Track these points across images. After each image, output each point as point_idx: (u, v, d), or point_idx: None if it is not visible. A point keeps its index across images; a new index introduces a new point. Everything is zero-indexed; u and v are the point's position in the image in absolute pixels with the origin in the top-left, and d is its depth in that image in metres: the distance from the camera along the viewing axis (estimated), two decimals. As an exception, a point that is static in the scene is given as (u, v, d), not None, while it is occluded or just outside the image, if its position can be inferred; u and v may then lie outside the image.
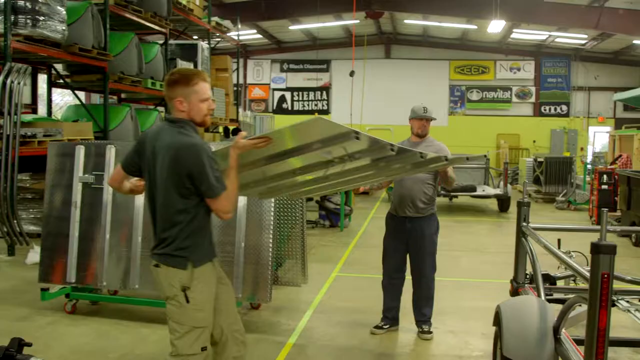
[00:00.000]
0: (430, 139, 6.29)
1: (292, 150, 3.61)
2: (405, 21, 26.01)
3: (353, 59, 21.60)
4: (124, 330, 6.23)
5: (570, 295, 4.93)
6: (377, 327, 6.36)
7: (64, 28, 9.30)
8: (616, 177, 13.67)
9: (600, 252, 3.23)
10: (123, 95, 13.05)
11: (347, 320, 6.77)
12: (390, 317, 6.40)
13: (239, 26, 19.32)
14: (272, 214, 6.15)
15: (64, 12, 9.37)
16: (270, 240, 6.11)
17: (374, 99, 28.17)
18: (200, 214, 3.65)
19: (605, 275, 3.23)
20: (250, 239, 6.17)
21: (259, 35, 27.74)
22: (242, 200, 6.22)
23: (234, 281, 6.13)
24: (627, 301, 4.86)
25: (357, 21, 23.67)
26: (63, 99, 21.07)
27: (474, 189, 15.88)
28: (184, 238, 3.62)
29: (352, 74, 21.00)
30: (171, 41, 13.12)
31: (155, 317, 6.53)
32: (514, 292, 5.70)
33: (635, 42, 24.01)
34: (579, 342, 3.83)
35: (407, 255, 6.40)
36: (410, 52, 30.48)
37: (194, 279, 3.62)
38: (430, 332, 6.23)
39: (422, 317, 6.28)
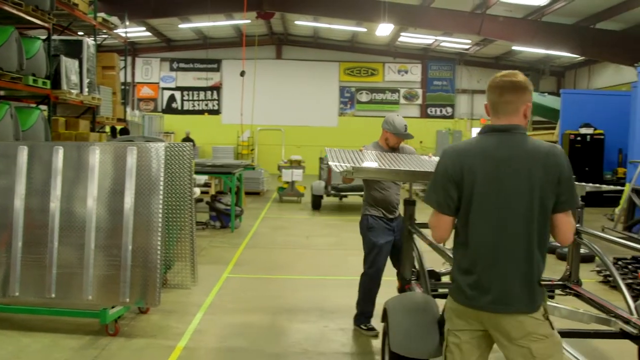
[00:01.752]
0: (402, 145, 6.65)
1: None
2: (296, 22, 26.16)
3: (243, 59, 21.50)
4: (3, 340, 5.92)
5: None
6: (371, 328, 6.39)
7: None
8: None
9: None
10: (2, 93, 12.41)
11: (238, 322, 6.73)
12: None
13: (127, 23, 18.78)
14: (160, 215, 6.03)
15: None
16: (159, 243, 5.99)
17: (265, 99, 28.18)
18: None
19: (486, 270, 3.36)
20: (137, 241, 6.02)
21: (148, 33, 27.12)
22: (128, 203, 6.07)
23: (120, 285, 5.98)
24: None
25: (248, 21, 23.58)
26: None
27: (362, 188, 16.11)
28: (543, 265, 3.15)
29: (242, 74, 20.89)
30: (55, 37, 12.60)
31: (36, 326, 6.26)
32: (401, 289, 5.83)
33: (514, 48, 25.15)
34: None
35: None
36: (301, 53, 30.67)
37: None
38: None
39: None
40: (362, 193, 17.04)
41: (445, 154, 3.24)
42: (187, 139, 25.39)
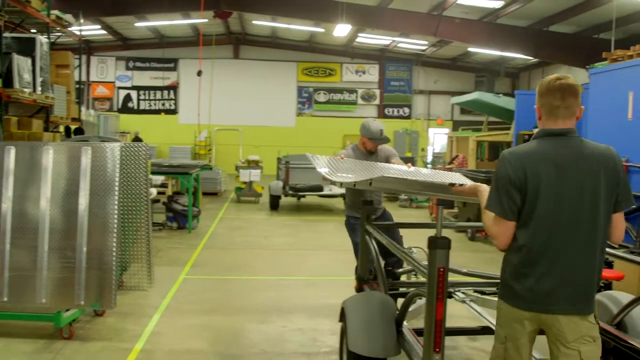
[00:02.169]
0: (378, 148, 6.57)
1: None
2: (254, 22, 26.06)
3: (200, 58, 21.36)
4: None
5: (412, 289, 5.14)
6: None
7: None
8: (453, 176, 14.40)
9: (437, 247, 3.40)
10: (-49, 92, 12.11)
11: (195, 323, 6.68)
12: None
13: (82, 21, 18.47)
14: (116, 216, 5.95)
15: None
16: (114, 244, 5.91)
17: (223, 99, 28.00)
18: None
19: (441, 269, 3.40)
20: (92, 242, 5.93)
21: (103, 31, 26.72)
22: (83, 204, 5.98)
23: (75, 288, 5.88)
24: (463, 292, 5.14)
25: (206, 20, 23.41)
26: None
27: (320, 188, 16.18)
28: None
29: (199, 73, 20.74)
30: (6, 34, 12.32)
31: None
32: (359, 289, 5.87)
33: (470, 49, 25.47)
34: (420, 333, 3.99)
35: None
36: (259, 53, 30.56)
37: None
38: None
39: None
40: (320, 193, 17.06)
41: (505, 159, 3.18)
42: (137, 139, 25.07)
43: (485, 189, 3.54)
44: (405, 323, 4.48)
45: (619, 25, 16.45)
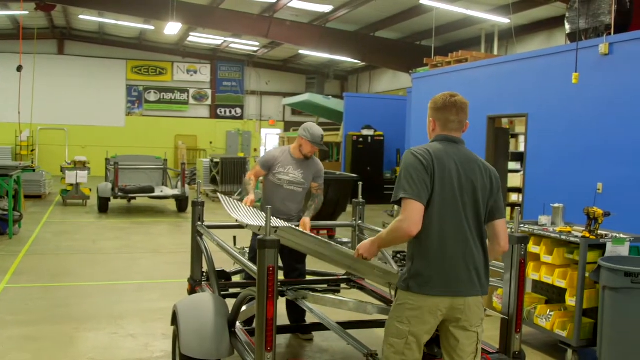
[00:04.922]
0: (313, 158, 6.31)
1: None
2: (80, 16, 24.93)
3: (21, 52, 20.13)
4: None
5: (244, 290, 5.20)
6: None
7: None
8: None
9: (265, 247, 3.47)
10: None
11: (18, 334, 6.33)
12: None
13: None
14: None
15: None
16: None
17: (46, 97, 26.67)
18: None
19: (271, 268, 3.47)
20: None
21: None
22: None
23: None
24: (295, 290, 5.27)
25: (26, 12, 22.13)
26: None
27: (152, 190, 15.87)
28: None
29: (19, 69, 19.52)
30: None
31: None
32: (192, 291, 5.84)
33: (301, 52, 26.01)
34: (253, 332, 4.05)
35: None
36: (86, 49, 29.30)
37: None
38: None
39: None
40: (151, 195, 16.76)
41: (414, 153, 3.36)
42: None
43: (376, 238, 3.63)
44: (238, 323, 4.52)
45: (438, 34, 17.55)
